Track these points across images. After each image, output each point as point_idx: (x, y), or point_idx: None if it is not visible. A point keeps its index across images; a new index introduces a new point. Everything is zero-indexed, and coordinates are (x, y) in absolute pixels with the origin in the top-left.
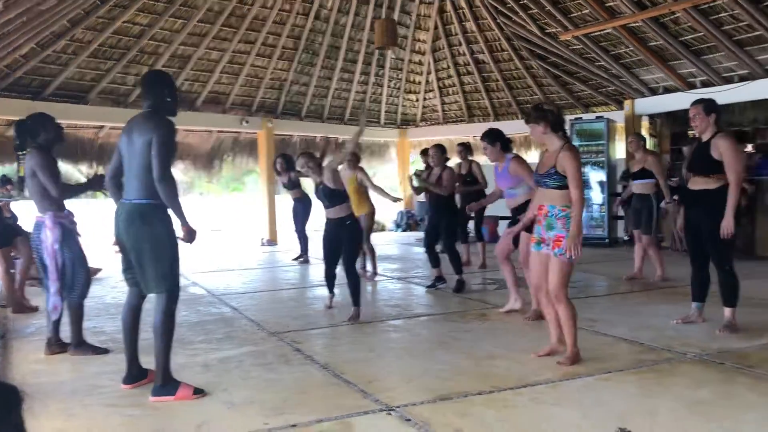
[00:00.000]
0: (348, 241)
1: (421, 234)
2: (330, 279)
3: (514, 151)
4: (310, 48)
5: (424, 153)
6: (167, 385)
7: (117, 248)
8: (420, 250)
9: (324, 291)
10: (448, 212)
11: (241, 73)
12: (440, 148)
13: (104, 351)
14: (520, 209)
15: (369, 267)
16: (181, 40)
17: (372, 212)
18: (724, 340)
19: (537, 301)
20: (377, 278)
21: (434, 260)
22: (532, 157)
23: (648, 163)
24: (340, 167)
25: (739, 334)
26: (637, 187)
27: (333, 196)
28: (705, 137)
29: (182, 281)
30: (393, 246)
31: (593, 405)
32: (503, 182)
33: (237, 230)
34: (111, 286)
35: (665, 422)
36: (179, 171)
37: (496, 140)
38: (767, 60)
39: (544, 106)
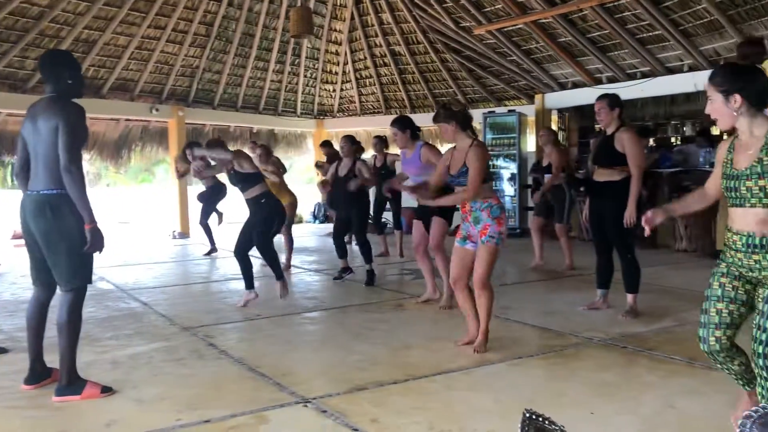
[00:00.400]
0: (260, 222)
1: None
2: (246, 271)
3: (428, 141)
4: (224, 35)
5: (325, 145)
6: (72, 384)
7: (17, 242)
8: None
9: (239, 285)
10: (360, 205)
11: (150, 60)
12: (350, 139)
13: (2, 351)
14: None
15: (283, 259)
16: (85, 24)
17: (293, 202)
18: (626, 324)
19: (451, 292)
20: (291, 270)
21: (341, 251)
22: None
23: (552, 157)
24: (253, 156)
25: (640, 319)
26: (549, 179)
27: (246, 179)
28: (609, 131)
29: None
30: (310, 238)
31: (504, 389)
32: (411, 169)
33: (147, 222)
34: (10, 282)
35: (571, 404)
36: (85, 161)
37: (407, 127)
38: (667, 58)
39: (452, 106)
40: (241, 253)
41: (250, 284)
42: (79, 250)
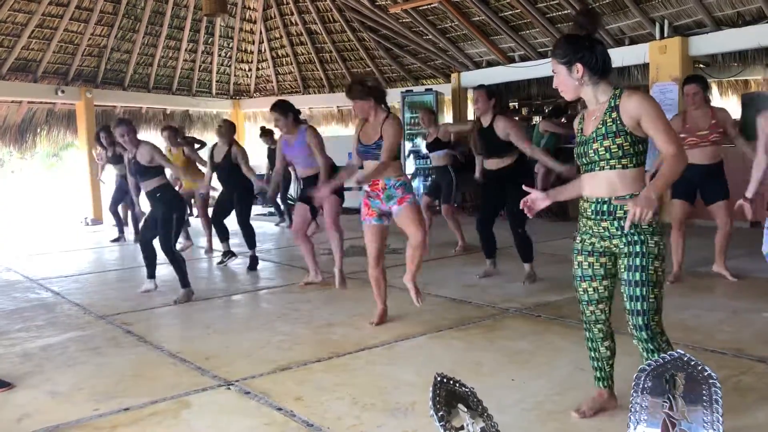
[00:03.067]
0: (161, 217)
1: (259, 209)
2: (149, 259)
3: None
4: (132, 13)
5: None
6: None
7: None
8: (256, 225)
9: (157, 270)
10: (242, 189)
11: (53, 39)
12: (229, 124)
13: None
14: (312, 179)
15: (203, 242)
16: None
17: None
18: (540, 294)
19: (317, 268)
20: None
21: (222, 234)
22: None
23: (442, 133)
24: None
25: (553, 289)
26: (434, 159)
27: (145, 172)
28: (485, 122)
29: None
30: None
31: (425, 362)
32: (300, 152)
33: (57, 209)
34: None
35: (489, 372)
36: None
37: (289, 111)
38: None
39: (367, 81)
40: (143, 242)
41: (151, 274)
42: None
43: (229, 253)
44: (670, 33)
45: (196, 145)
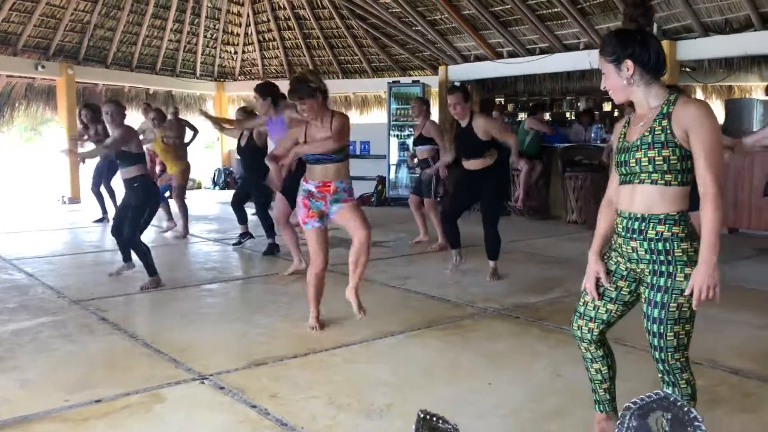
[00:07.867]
0: (132, 207)
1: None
2: (123, 244)
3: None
4: None
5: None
6: None
7: None
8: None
9: (134, 254)
10: (260, 173)
11: (34, 12)
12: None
13: None
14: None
15: (180, 227)
16: None
17: (185, 169)
18: (519, 295)
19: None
20: (189, 239)
21: (241, 217)
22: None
23: (426, 129)
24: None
25: (532, 289)
26: (418, 153)
27: (123, 157)
28: (464, 123)
29: None
30: (210, 205)
31: (402, 361)
32: (275, 133)
33: (34, 187)
34: None
35: (466, 373)
36: None
37: (268, 95)
38: (564, 35)
39: (311, 78)
40: (116, 228)
41: (126, 257)
42: None
43: (246, 235)
44: (658, 36)
45: (189, 131)
